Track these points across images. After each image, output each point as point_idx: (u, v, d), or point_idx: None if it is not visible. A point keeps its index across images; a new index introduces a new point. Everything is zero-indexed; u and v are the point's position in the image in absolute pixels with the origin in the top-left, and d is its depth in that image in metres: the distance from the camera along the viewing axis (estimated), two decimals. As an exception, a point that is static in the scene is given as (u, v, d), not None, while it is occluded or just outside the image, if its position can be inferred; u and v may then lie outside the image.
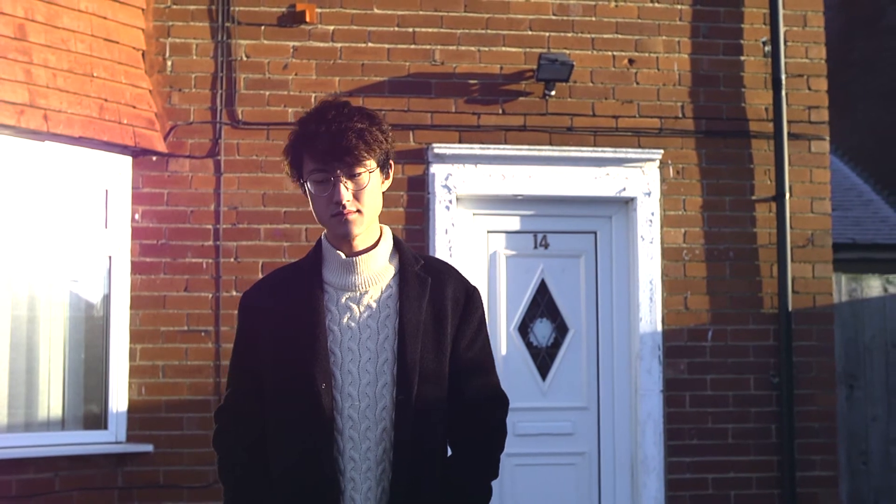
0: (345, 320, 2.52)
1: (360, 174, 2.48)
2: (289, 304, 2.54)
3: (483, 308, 2.67)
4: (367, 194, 2.51)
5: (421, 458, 2.51)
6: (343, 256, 2.55)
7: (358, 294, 2.54)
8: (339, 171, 2.47)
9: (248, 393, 2.59)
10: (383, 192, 2.60)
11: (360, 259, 2.55)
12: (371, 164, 2.50)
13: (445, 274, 2.62)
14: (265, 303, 2.58)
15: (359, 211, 2.50)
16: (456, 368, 2.58)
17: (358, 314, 2.53)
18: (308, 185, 2.51)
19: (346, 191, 2.47)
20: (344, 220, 2.49)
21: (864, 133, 13.49)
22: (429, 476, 2.52)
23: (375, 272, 2.56)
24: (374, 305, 2.54)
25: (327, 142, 2.44)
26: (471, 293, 2.63)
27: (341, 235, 2.53)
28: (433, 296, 2.55)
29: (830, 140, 7.34)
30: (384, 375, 2.51)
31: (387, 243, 2.61)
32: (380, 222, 2.64)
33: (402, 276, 2.56)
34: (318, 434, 2.47)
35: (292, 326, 2.51)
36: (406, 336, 2.50)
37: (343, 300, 2.53)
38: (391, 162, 2.60)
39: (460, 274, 2.67)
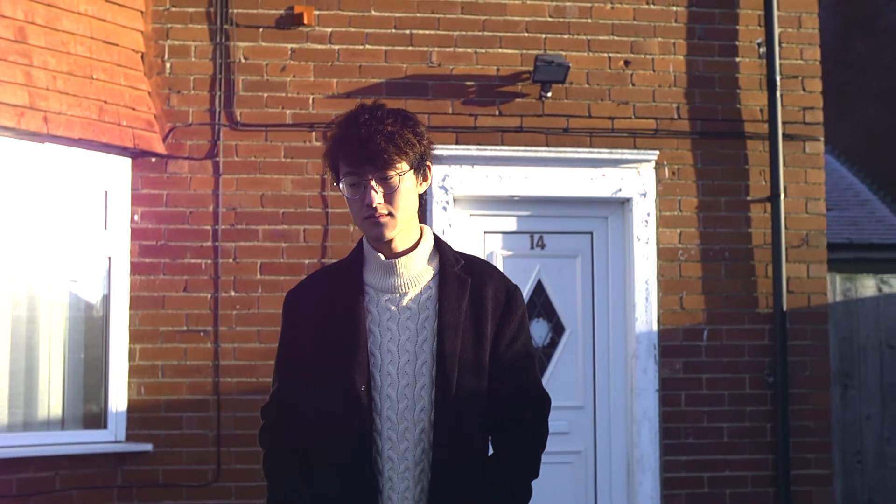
0: (384, 322, 2.54)
1: (391, 177, 2.47)
2: (330, 304, 2.55)
3: (524, 307, 2.66)
4: (400, 197, 2.50)
5: (460, 460, 2.52)
6: (383, 258, 2.56)
7: (398, 296, 2.55)
8: (369, 175, 2.46)
9: (293, 390, 2.62)
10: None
11: (400, 261, 2.56)
12: (403, 166, 2.48)
13: (486, 274, 2.62)
14: (307, 303, 2.61)
15: (390, 214, 2.50)
16: (497, 367, 2.58)
17: (398, 316, 2.54)
18: (342, 188, 2.52)
19: (376, 194, 2.47)
20: (376, 223, 2.50)
21: (861, 133, 13.52)
22: (469, 477, 2.54)
23: (415, 274, 2.57)
24: (413, 307, 2.55)
25: (357, 145, 2.45)
26: (512, 292, 2.63)
27: (374, 238, 2.55)
28: (473, 296, 2.55)
29: (827, 140, 7.39)
30: (423, 377, 2.53)
31: (427, 244, 2.62)
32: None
33: (442, 277, 2.57)
34: (357, 434, 2.49)
35: (333, 328, 2.53)
36: (445, 339, 2.51)
37: (383, 302, 2.55)
38: (428, 164, 2.59)
39: (501, 273, 2.68)
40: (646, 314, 6.71)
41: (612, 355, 6.83)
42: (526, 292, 6.83)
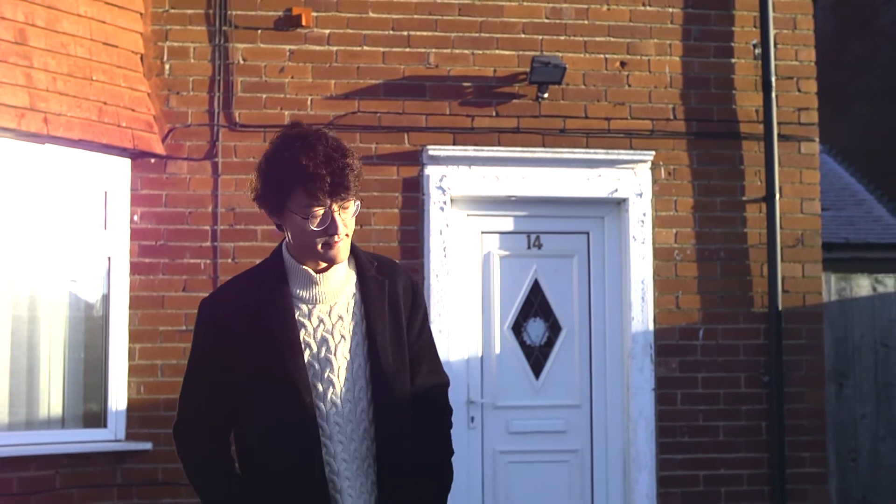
0: (319, 334, 2.65)
1: (350, 206, 2.61)
2: (261, 319, 2.61)
3: (425, 298, 2.86)
4: (352, 221, 2.65)
5: (401, 448, 2.69)
6: (312, 272, 2.66)
7: (328, 306, 2.67)
8: (335, 206, 2.57)
9: (216, 404, 2.67)
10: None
11: (327, 274, 2.67)
12: (357, 194, 2.63)
13: (395, 272, 2.79)
14: (233, 315, 2.64)
15: (346, 236, 2.63)
16: (411, 357, 2.76)
17: (330, 325, 2.66)
18: (297, 217, 2.58)
19: (342, 223, 2.59)
20: (336, 249, 2.61)
21: (858, 133, 13.57)
22: (410, 462, 2.70)
23: (340, 282, 2.69)
24: (342, 315, 2.68)
25: (331, 183, 2.54)
26: (416, 286, 2.82)
27: (331, 261, 2.63)
28: (390, 295, 2.72)
29: (824, 140, 7.44)
30: (360, 379, 2.67)
31: None
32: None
33: (362, 281, 2.71)
34: (311, 444, 2.60)
35: (269, 345, 2.59)
36: (377, 342, 2.67)
37: (315, 314, 2.66)
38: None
39: (404, 269, 2.86)
40: (642, 314, 6.75)
41: (609, 354, 6.87)
42: (523, 292, 6.88)
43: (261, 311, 2.63)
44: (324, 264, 2.66)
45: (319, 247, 2.60)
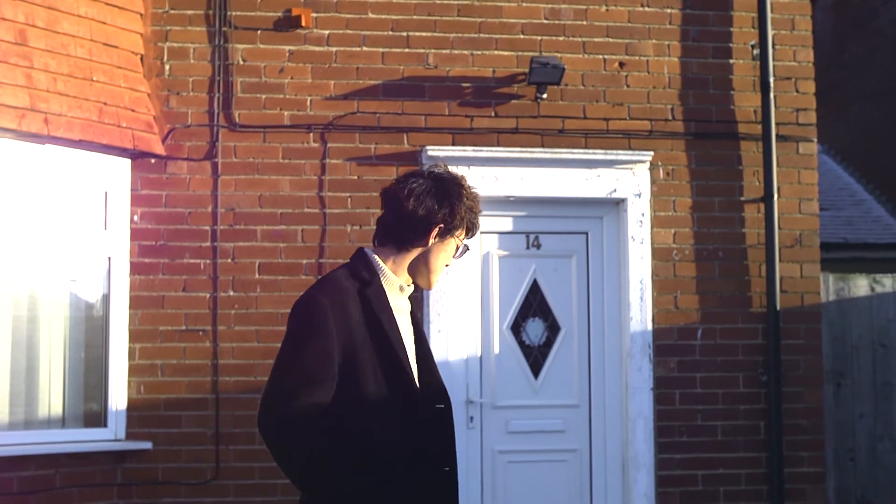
0: (405, 338, 2.94)
1: None
2: (376, 322, 2.85)
3: None
4: None
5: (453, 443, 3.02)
6: (407, 285, 2.99)
7: (406, 315, 2.99)
8: None
9: (327, 398, 2.77)
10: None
11: (408, 288, 3.01)
12: None
13: None
14: (351, 317, 2.82)
15: None
16: None
17: (407, 331, 2.97)
18: (455, 244, 2.98)
19: None
20: None
21: (857, 133, 13.58)
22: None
23: (408, 297, 3.05)
24: (409, 324, 3.01)
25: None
26: None
27: (431, 286, 3.02)
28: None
29: (823, 140, 7.45)
30: (418, 380, 2.95)
31: None
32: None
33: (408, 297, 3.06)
34: (445, 442, 2.94)
35: (387, 346, 2.84)
36: (429, 348, 3.03)
37: (402, 321, 2.96)
38: None
39: None
40: (640, 313, 6.77)
41: (608, 354, 6.89)
42: (521, 292, 6.90)
43: (375, 315, 2.84)
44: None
45: (439, 275, 3.00)
